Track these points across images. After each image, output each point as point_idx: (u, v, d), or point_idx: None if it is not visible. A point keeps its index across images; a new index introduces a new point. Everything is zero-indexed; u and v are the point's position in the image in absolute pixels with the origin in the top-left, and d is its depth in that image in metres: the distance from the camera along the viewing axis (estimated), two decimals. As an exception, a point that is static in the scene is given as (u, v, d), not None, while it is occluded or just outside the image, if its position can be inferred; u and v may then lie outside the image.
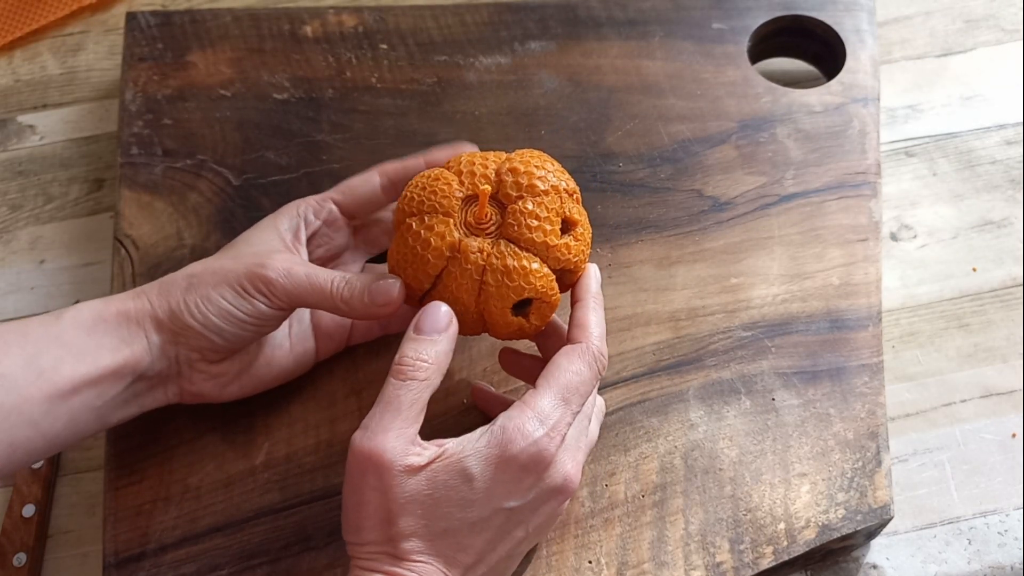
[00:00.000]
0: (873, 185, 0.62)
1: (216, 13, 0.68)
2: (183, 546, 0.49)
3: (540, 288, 0.45)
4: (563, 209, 0.46)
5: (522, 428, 0.42)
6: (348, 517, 0.42)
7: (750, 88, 0.65)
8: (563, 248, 0.45)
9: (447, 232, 0.45)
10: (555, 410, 0.43)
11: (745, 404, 0.54)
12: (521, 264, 0.44)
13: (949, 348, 0.60)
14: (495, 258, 0.44)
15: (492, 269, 0.44)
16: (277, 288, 0.46)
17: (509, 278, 0.44)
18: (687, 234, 0.60)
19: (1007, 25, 0.74)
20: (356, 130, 0.63)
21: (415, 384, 0.42)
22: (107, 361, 0.45)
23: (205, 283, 0.46)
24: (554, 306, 0.46)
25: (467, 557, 0.42)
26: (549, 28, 0.68)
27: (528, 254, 0.45)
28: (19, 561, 0.52)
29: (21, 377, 0.43)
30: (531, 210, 0.45)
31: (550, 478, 0.43)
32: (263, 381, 0.50)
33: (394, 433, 0.41)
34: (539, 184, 0.45)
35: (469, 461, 0.41)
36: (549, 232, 0.45)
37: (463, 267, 0.44)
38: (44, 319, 0.45)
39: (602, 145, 0.63)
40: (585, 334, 0.45)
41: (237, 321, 0.46)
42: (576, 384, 0.43)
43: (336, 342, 0.53)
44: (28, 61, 0.72)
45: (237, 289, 0.46)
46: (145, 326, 0.46)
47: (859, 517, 0.51)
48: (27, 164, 0.68)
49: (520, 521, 0.43)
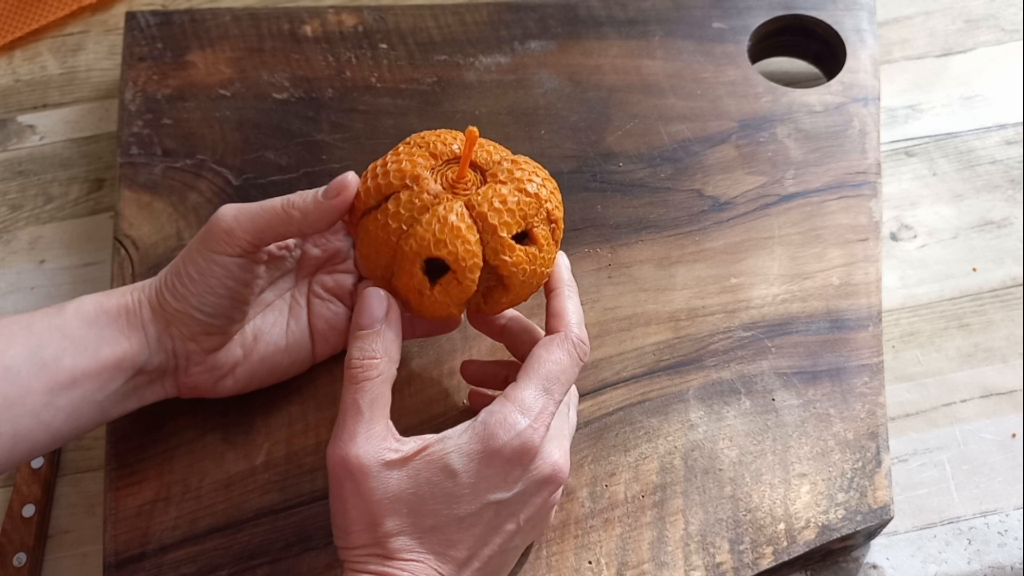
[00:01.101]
0: (873, 185, 0.62)
1: (216, 13, 0.68)
2: (183, 546, 0.49)
3: (460, 256, 0.42)
4: (532, 220, 0.44)
5: (504, 421, 0.42)
6: (336, 523, 0.43)
7: (750, 88, 0.65)
8: (507, 248, 0.43)
9: (417, 166, 0.44)
10: (537, 401, 0.43)
11: (745, 404, 0.54)
12: (458, 224, 0.42)
13: (949, 348, 0.60)
14: (441, 207, 0.42)
15: (432, 213, 0.42)
16: (231, 226, 0.45)
17: (439, 229, 0.42)
18: (687, 234, 0.60)
19: (1007, 25, 0.73)
20: (356, 130, 0.63)
21: (369, 384, 0.42)
22: (107, 354, 0.45)
23: (178, 261, 0.47)
24: (465, 290, 0.43)
25: (459, 552, 0.42)
26: (549, 27, 0.68)
27: (472, 224, 0.43)
28: (19, 561, 0.52)
29: (24, 369, 0.43)
30: (504, 195, 0.43)
31: (537, 469, 0.43)
32: (257, 377, 0.50)
33: (362, 437, 0.41)
34: (528, 187, 0.44)
35: (451, 457, 0.41)
36: (505, 223, 0.43)
37: (413, 191, 0.43)
38: (48, 311, 0.46)
39: (602, 145, 0.63)
40: (562, 323, 0.45)
41: (206, 286, 0.46)
42: (557, 373, 0.43)
43: (333, 344, 0.52)
44: (28, 61, 0.72)
45: (200, 250, 0.46)
46: (143, 317, 0.46)
47: (859, 517, 0.51)
48: (27, 164, 0.68)
49: (511, 514, 0.43)
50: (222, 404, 0.52)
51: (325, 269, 0.53)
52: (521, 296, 0.45)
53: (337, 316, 0.52)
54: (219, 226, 0.46)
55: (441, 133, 0.46)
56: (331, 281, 0.52)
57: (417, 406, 0.53)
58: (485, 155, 0.45)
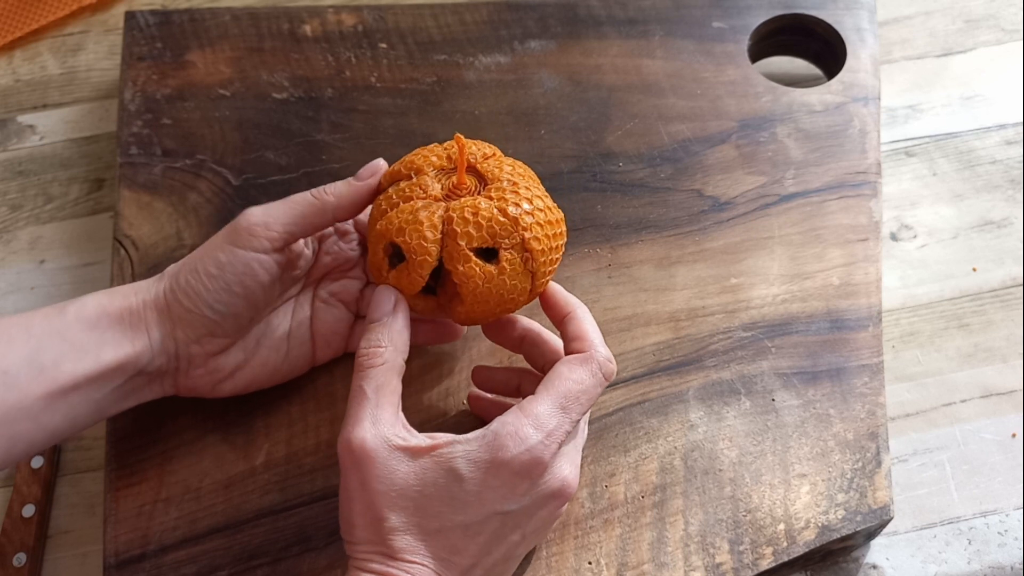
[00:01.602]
0: (873, 185, 0.62)
1: (215, 12, 0.68)
2: (183, 547, 0.49)
3: (413, 248, 0.43)
4: (501, 241, 0.44)
5: (516, 434, 0.42)
6: (342, 515, 0.43)
7: (750, 87, 0.65)
8: (462, 257, 0.44)
9: (426, 162, 0.46)
10: (552, 418, 0.42)
11: (745, 405, 0.54)
12: (422, 221, 0.44)
13: (949, 348, 0.60)
14: (421, 203, 0.45)
15: (411, 204, 0.45)
16: (267, 223, 0.46)
17: (405, 219, 0.44)
18: (687, 234, 0.60)
19: (1007, 25, 0.73)
20: (356, 130, 0.63)
21: (374, 371, 0.43)
22: (108, 358, 0.45)
23: (194, 259, 0.47)
24: (414, 282, 0.44)
25: (463, 560, 0.42)
26: (549, 27, 0.68)
27: (437, 225, 0.44)
28: (19, 561, 0.52)
29: (23, 374, 0.43)
30: (479, 208, 0.44)
31: (546, 483, 0.43)
32: (257, 380, 0.50)
33: (367, 421, 0.41)
34: (510, 208, 0.44)
35: (459, 462, 0.41)
36: (466, 233, 0.44)
37: (411, 181, 0.46)
38: (48, 312, 0.46)
39: (602, 145, 0.63)
40: (586, 343, 0.45)
41: (223, 283, 0.46)
42: (576, 392, 0.43)
43: (335, 348, 0.53)
44: (28, 61, 0.72)
45: (222, 247, 0.46)
46: (147, 319, 0.46)
47: (859, 518, 0.51)
48: (27, 164, 0.68)
49: (516, 526, 0.43)
50: (222, 404, 0.52)
51: (332, 276, 0.53)
52: (478, 311, 0.46)
53: (340, 321, 0.52)
54: (250, 220, 0.46)
55: (477, 142, 0.48)
56: (338, 286, 0.52)
57: (417, 406, 0.53)
58: (495, 169, 0.46)
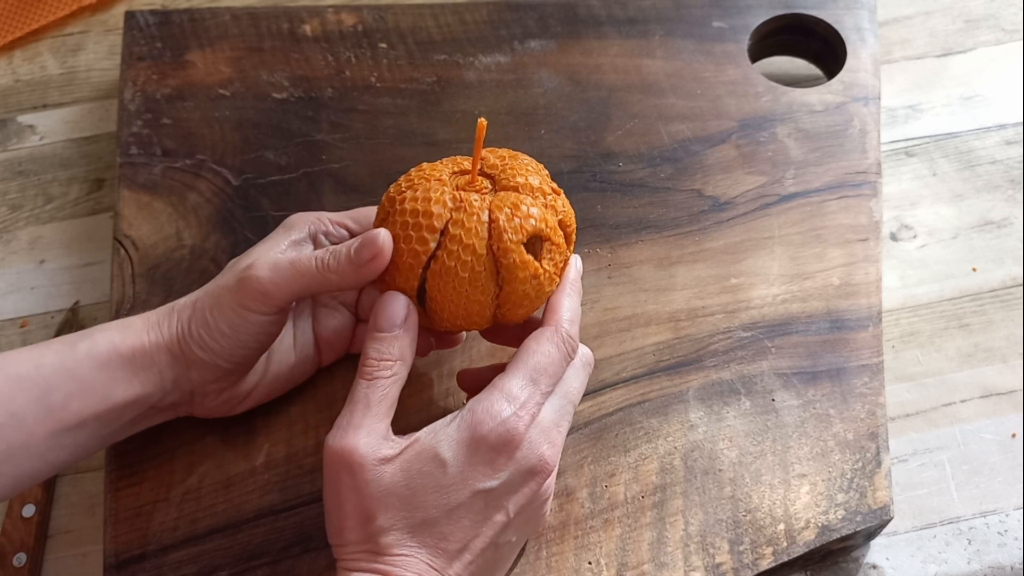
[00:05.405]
0: (873, 185, 0.62)
1: (215, 12, 0.68)
2: (183, 547, 0.49)
3: (547, 226, 0.45)
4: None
5: (490, 409, 0.42)
6: (330, 520, 0.43)
7: (750, 87, 0.65)
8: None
9: (444, 191, 0.45)
10: (523, 390, 0.43)
11: (745, 405, 0.54)
12: (524, 200, 0.45)
13: (949, 348, 0.60)
14: (499, 199, 0.45)
15: (499, 206, 0.44)
16: (268, 289, 0.45)
17: (517, 211, 0.44)
18: (687, 234, 0.60)
19: (1007, 25, 0.73)
20: (355, 130, 0.63)
21: (382, 382, 0.43)
22: (119, 397, 0.45)
23: (204, 308, 0.46)
24: (564, 255, 0.46)
25: (450, 544, 0.42)
26: (549, 27, 0.68)
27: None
28: (19, 561, 0.52)
29: (31, 415, 0.43)
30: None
31: (524, 459, 0.43)
32: (270, 394, 0.51)
33: (365, 430, 0.42)
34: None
35: (441, 447, 0.42)
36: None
37: (468, 212, 0.44)
38: (59, 348, 0.45)
39: (602, 145, 0.63)
40: (555, 317, 0.45)
41: (239, 342, 0.46)
42: (544, 365, 0.44)
43: (338, 351, 0.53)
44: (28, 61, 0.72)
45: (234, 307, 0.46)
46: (160, 361, 0.46)
47: (859, 518, 0.51)
48: (27, 164, 0.68)
49: (500, 505, 0.43)
50: (222, 404, 0.52)
51: (330, 295, 0.53)
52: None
53: (342, 324, 0.52)
54: (255, 287, 0.45)
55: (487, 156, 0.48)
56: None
57: (417, 406, 0.53)
58: (511, 172, 0.46)
